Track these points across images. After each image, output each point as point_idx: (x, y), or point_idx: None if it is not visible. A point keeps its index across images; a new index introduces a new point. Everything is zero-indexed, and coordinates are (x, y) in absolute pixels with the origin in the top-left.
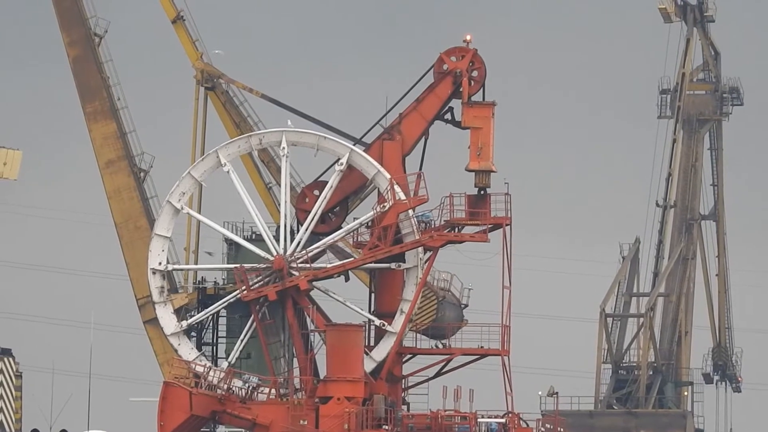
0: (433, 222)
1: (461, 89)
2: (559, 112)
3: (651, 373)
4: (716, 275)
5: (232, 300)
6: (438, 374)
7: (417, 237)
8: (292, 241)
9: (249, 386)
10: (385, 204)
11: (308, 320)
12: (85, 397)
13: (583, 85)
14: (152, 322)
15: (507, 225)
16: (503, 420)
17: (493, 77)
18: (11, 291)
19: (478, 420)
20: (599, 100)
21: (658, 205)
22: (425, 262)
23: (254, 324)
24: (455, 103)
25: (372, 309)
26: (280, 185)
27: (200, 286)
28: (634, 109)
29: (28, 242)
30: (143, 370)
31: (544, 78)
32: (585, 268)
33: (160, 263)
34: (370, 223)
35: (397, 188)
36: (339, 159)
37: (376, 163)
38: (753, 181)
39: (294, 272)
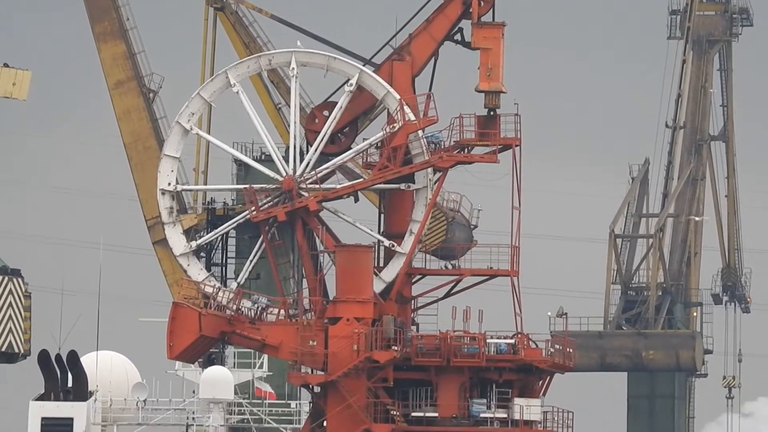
0: (442, 143)
1: (471, 10)
2: (569, 33)
3: (660, 293)
4: (725, 196)
5: (241, 220)
6: (447, 295)
7: (426, 158)
8: (301, 161)
9: (258, 307)
10: (395, 125)
11: (317, 241)
12: (94, 318)
13: (594, 6)
14: (161, 242)
15: (516, 146)
16: (512, 341)
17: None
18: (20, 212)
19: (487, 341)
20: (609, 21)
21: (667, 126)
22: (435, 183)
23: (263, 244)
24: (465, 24)
25: (381, 230)
26: (289, 106)
27: (209, 206)
28: (644, 30)
29: (36, 163)
30: (152, 291)
31: None
32: (594, 188)
33: (169, 184)
34: (379, 144)
35: (406, 109)
36: (348, 80)
37: (385, 84)
38: (763, 101)
39: (303, 193)
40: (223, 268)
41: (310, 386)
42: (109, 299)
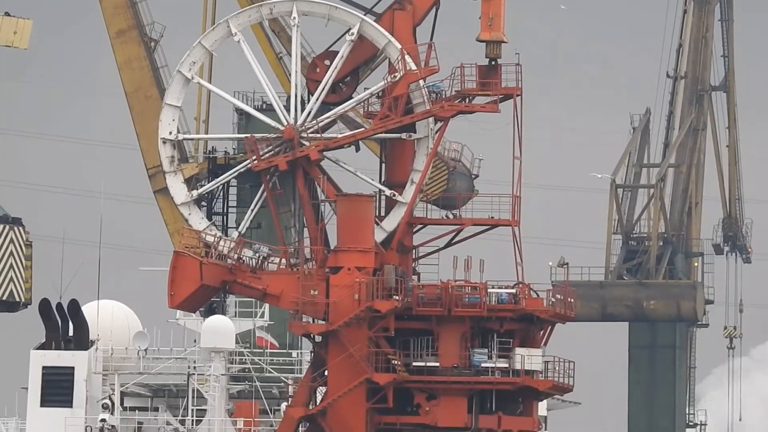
0: (443, 92)
1: None
2: None
3: (661, 243)
4: (726, 146)
5: (242, 170)
6: (448, 245)
7: (428, 107)
8: (302, 111)
9: (259, 256)
10: (396, 74)
11: (319, 190)
12: (95, 267)
13: None
14: (162, 191)
15: (517, 95)
16: (513, 290)
17: None
18: (21, 160)
19: (489, 290)
20: None
21: (668, 76)
22: (436, 133)
23: (264, 194)
24: None
25: (382, 179)
26: (290, 55)
27: (210, 155)
28: None
29: (38, 111)
30: (154, 240)
31: None
32: (595, 138)
33: (170, 133)
34: (380, 93)
35: (407, 58)
36: (350, 29)
37: (386, 33)
38: (763, 52)
39: (304, 142)
40: (224, 218)
41: (311, 336)
42: (110, 248)
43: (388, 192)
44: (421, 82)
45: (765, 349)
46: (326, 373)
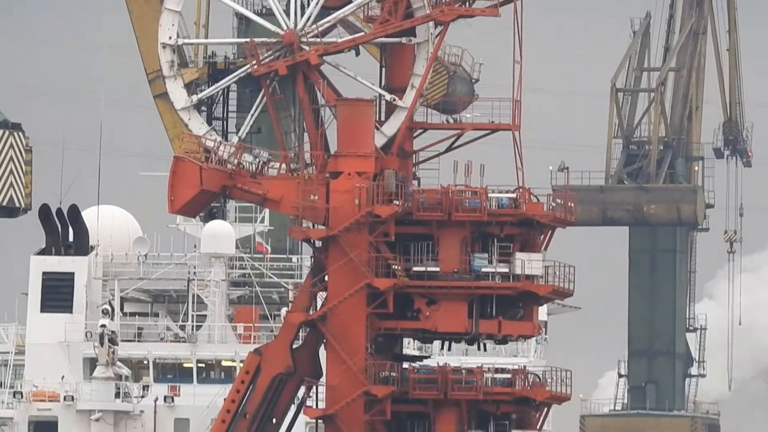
0: None
1: None
2: None
3: (662, 147)
4: (727, 50)
5: (242, 74)
6: (449, 149)
7: (427, 11)
8: (302, 15)
9: (259, 161)
10: None
11: (319, 95)
12: (95, 172)
13: None
14: (162, 96)
15: None
16: (514, 195)
17: None
18: (21, 65)
19: (489, 195)
20: None
21: None
22: (436, 37)
23: (264, 98)
24: None
25: (383, 84)
26: None
27: (211, 60)
28: None
29: (38, 16)
30: (154, 145)
31: None
32: (596, 42)
33: (170, 37)
34: None
35: None
36: None
37: None
38: None
39: (304, 47)
40: (224, 122)
41: (312, 241)
42: (110, 153)
43: (388, 97)
44: None
45: (765, 253)
46: (326, 278)
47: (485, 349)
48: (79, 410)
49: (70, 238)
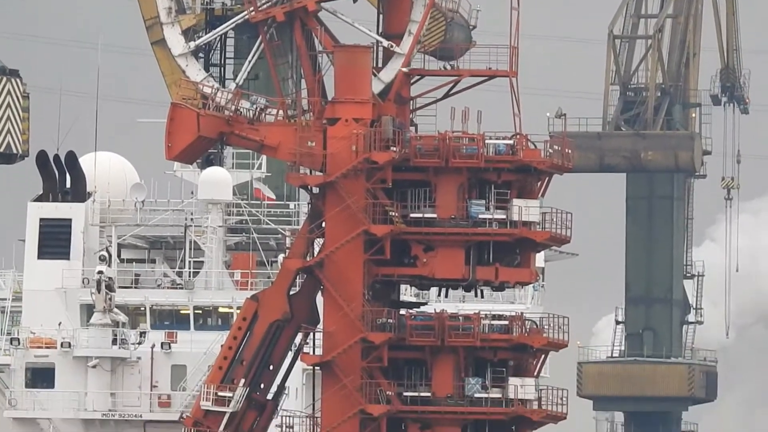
0: None
1: None
2: None
3: (659, 94)
4: None
5: (239, 21)
6: (446, 96)
7: None
8: None
9: (257, 107)
10: None
11: (316, 41)
12: (92, 119)
13: None
14: (160, 43)
15: None
16: (511, 141)
17: None
18: (18, 11)
19: (486, 141)
20: None
21: None
22: None
23: (262, 45)
24: None
25: (380, 30)
26: None
27: (208, 6)
28: None
29: None
30: (151, 92)
31: None
32: None
33: None
34: None
35: None
36: None
37: None
38: None
39: None
40: (222, 69)
41: (309, 187)
42: (107, 100)
43: (385, 43)
44: None
45: (762, 200)
46: (323, 224)
47: (482, 296)
48: (76, 357)
49: (68, 185)
